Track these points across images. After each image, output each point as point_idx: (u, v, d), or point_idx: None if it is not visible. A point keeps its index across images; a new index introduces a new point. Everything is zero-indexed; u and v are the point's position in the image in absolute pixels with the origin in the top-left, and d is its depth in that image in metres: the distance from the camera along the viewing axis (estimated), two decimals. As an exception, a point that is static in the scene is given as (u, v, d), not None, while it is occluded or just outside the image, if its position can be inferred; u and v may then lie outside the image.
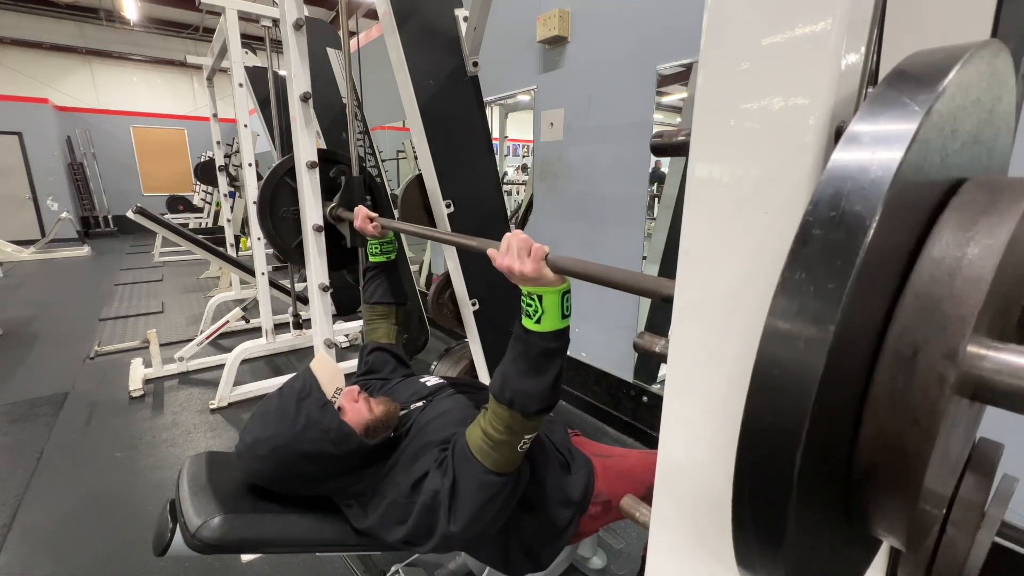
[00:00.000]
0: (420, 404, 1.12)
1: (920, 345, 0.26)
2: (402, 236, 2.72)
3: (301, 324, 3.13)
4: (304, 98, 1.70)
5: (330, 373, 0.99)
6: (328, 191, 1.75)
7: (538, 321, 0.79)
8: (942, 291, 0.26)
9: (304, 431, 0.91)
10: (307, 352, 3.54)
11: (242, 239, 5.03)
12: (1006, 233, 0.26)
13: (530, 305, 0.79)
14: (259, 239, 3.07)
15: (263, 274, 3.11)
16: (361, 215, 1.35)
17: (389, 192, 2.69)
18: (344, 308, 3.24)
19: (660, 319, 2.39)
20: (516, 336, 0.83)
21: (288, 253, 1.91)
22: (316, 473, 0.95)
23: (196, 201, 9.18)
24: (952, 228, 0.28)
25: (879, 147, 0.26)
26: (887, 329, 0.28)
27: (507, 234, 0.80)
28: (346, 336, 3.83)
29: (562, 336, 0.81)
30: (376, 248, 1.38)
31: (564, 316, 0.80)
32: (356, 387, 1.05)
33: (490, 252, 0.83)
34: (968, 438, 0.37)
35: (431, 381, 1.22)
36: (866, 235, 0.24)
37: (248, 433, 0.96)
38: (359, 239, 1.58)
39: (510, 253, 0.78)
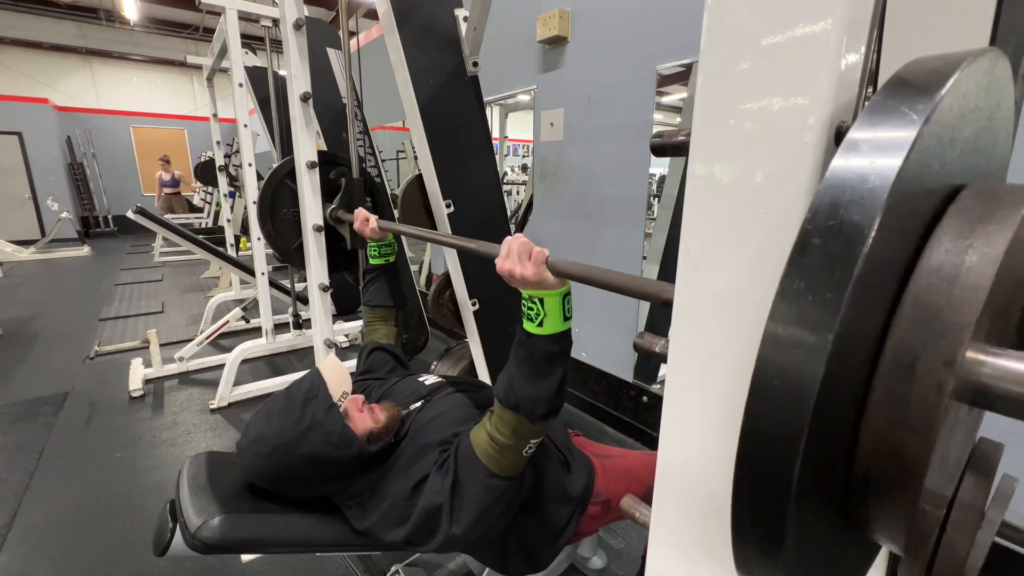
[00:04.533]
0: (418, 404, 1.11)
1: (919, 353, 0.26)
2: (402, 237, 2.72)
3: (301, 324, 3.13)
4: (304, 98, 1.69)
5: (339, 376, 0.99)
6: (328, 193, 1.75)
7: (540, 324, 0.79)
8: (940, 299, 0.26)
9: (308, 432, 0.91)
10: (307, 352, 3.54)
11: (242, 239, 5.03)
12: (1004, 241, 0.25)
13: (531, 308, 0.79)
14: (259, 239, 3.07)
15: (263, 274, 3.11)
16: (360, 216, 1.36)
17: (389, 192, 2.69)
18: (344, 308, 3.25)
19: (660, 319, 2.39)
20: (519, 340, 0.83)
21: (288, 255, 1.92)
22: (315, 477, 0.95)
23: (196, 201, 9.20)
24: (950, 236, 0.28)
25: (877, 156, 0.26)
26: (886, 337, 0.28)
27: (507, 238, 0.79)
28: (346, 336, 3.83)
29: (565, 338, 0.81)
30: (375, 251, 1.39)
31: (566, 318, 0.80)
32: (361, 397, 1.04)
33: (497, 256, 0.82)
34: (968, 442, 0.37)
35: (429, 380, 1.22)
36: (864, 245, 0.24)
37: (252, 429, 0.96)
38: (359, 241, 1.58)
39: (511, 257, 0.77)
